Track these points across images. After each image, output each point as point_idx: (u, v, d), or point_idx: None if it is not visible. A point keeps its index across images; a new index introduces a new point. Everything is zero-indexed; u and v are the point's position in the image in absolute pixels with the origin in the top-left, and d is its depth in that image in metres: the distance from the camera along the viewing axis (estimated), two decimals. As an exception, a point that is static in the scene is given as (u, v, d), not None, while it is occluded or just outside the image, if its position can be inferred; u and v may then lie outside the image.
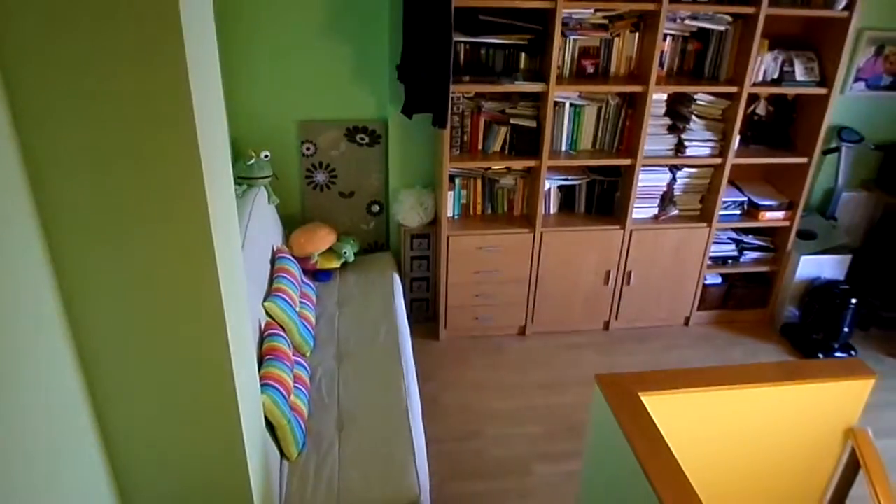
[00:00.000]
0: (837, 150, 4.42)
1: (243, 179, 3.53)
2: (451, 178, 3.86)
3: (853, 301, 4.03)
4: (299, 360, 3.00)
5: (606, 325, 4.31)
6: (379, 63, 3.81)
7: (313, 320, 3.35)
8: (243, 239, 3.02)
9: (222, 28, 3.59)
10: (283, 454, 2.62)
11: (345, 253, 3.83)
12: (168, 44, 1.36)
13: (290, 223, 3.94)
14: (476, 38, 3.57)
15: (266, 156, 3.68)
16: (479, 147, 3.81)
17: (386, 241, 4.23)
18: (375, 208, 4.13)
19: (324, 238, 3.79)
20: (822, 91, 3.87)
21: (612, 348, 4.16)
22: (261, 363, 2.70)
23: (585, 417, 3.59)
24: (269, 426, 2.53)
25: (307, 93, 3.83)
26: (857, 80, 4.41)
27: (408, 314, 3.67)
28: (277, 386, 2.58)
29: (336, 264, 3.81)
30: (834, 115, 4.25)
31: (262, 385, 2.54)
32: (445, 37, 3.28)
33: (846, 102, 4.44)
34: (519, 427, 3.53)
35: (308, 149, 3.92)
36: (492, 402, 3.69)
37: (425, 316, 4.24)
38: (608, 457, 2.23)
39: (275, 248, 3.49)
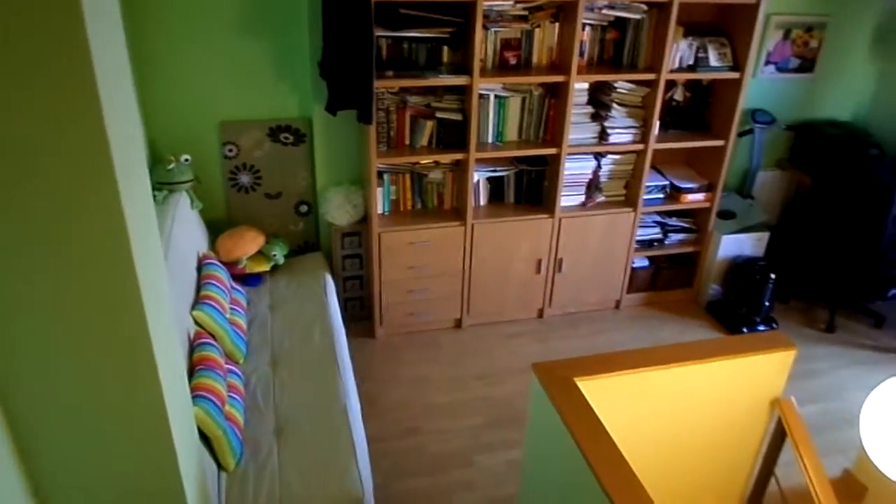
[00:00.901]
0: (751, 131, 4.59)
1: (163, 185, 3.41)
2: (380, 175, 3.83)
3: (772, 276, 4.20)
4: (232, 367, 2.93)
5: (541, 313, 4.36)
6: (300, 60, 3.74)
7: (245, 326, 3.27)
8: (166, 247, 2.92)
9: (132, 26, 3.45)
10: (220, 466, 2.54)
11: (274, 255, 3.75)
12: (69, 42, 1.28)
13: (216, 228, 3.83)
14: (397, 33, 3.54)
15: (186, 159, 3.57)
16: (407, 142, 3.79)
17: (316, 241, 4.16)
18: (304, 208, 4.06)
19: (252, 241, 3.70)
20: (735, 75, 4.01)
21: (548, 335, 4.22)
22: (191, 374, 2.62)
23: (525, 406, 3.63)
24: (204, 438, 2.46)
25: (227, 93, 3.73)
26: (767, 63, 4.59)
27: (342, 314, 3.63)
28: (210, 396, 2.51)
29: (266, 267, 3.73)
30: (747, 98, 4.40)
31: (193, 397, 2.46)
32: (366, 32, 3.25)
33: (758, 85, 4.61)
34: (459, 420, 3.55)
35: (230, 150, 3.82)
36: (431, 396, 3.68)
37: (360, 314, 4.20)
38: (548, 443, 2.26)
39: (200, 255, 3.39)
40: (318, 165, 3.97)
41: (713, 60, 3.99)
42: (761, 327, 4.31)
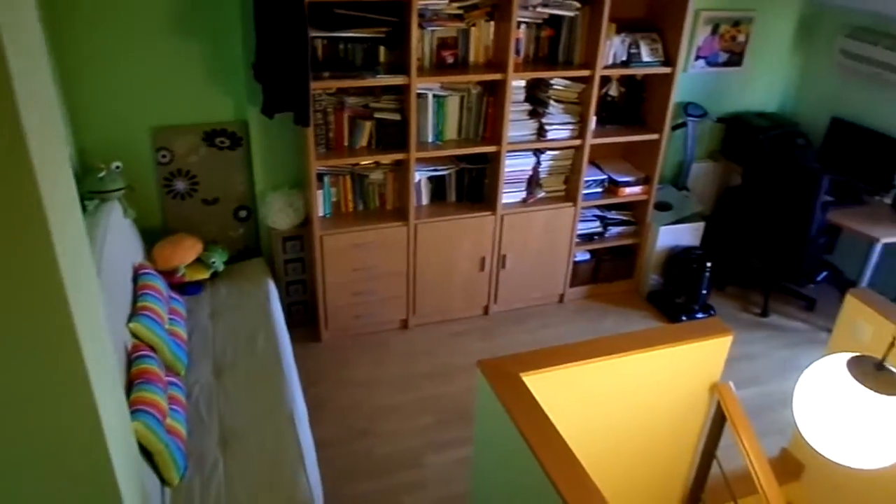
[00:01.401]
0: (685, 124, 4.71)
1: (94, 194, 3.30)
2: (320, 177, 3.78)
3: (709, 264, 4.32)
4: (173, 379, 2.85)
5: (486, 310, 4.39)
6: (234, 62, 3.66)
7: (185, 336, 3.19)
8: (99, 258, 2.82)
9: (55, 31, 3.33)
10: (163, 481, 2.48)
11: (213, 263, 3.67)
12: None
13: (151, 236, 3.72)
14: (333, 33, 3.51)
15: (118, 167, 3.46)
16: (346, 143, 3.76)
17: (257, 246, 4.09)
18: (243, 213, 3.99)
19: (189, 249, 3.61)
20: (667, 70, 4.10)
21: (494, 332, 4.24)
22: (130, 388, 2.54)
23: (473, 403, 3.64)
24: (146, 453, 2.39)
25: (158, 97, 3.63)
26: (697, 58, 4.72)
27: (286, 319, 3.57)
28: (151, 410, 2.44)
29: (205, 275, 3.65)
30: (679, 92, 4.51)
31: (133, 411, 2.39)
32: (300, 33, 3.20)
33: (689, 80, 4.74)
34: (408, 420, 3.54)
35: (164, 156, 3.72)
36: (380, 398, 3.67)
37: (305, 319, 4.15)
38: (496, 439, 2.27)
39: (136, 265, 3.29)
40: (257, 169, 3.90)
41: (645, 56, 4.08)
42: (700, 315, 4.43)
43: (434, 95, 3.78)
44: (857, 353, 1.57)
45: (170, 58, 3.56)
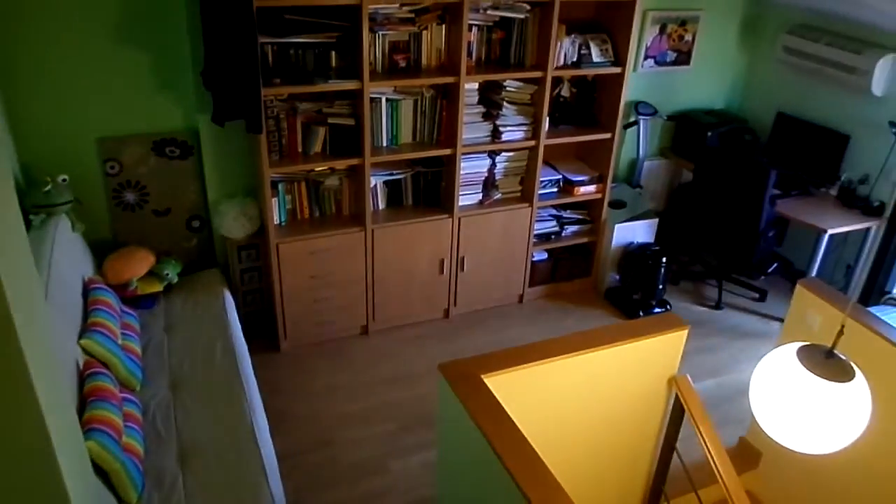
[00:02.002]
0: (636, 123, 4.79)
1: (40, 208, 3.20)
2: (274, 184, 3.74)
3: (664, 260, 4.39)
4: (128, 396, 2.78)
5: (447, 313, 4.39)
6: (182, 69, 3.60)
7: (139, 351, 3.12)
8: (46, 274, 2.74)
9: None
10: (121, 500, 2.41)
11: (167, 275, 3.60)
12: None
13: (102, 250, 3.62)
14: (283, 39, 3.47)
15: (64, 180, 3.37)
16: (300, 150, 3.72)
17: (212, 256, 4.02)
18: (196, 223, 3.91)
19: (141, 261, 3.53)
20: (617, 70, 4.16)
21: (455, 334, 4.25)
22: (83, 407, 2.47)
23: (436, 407, 3.63)
24: (102, 473, 2.32)
25: (104, 107, 3.54)
26: (646, 57, 4.80)
27: (244, 330, 3.52)
28: (105, 429, 2.38)
29: (158, 288, 3.57)
30: (630, 91, 4.58)
31: (86, 430, 2.32)
32: (249, 39, 3.16)
33: (639, 79, 4.82)
34: (372, 427, 3.51)
35: (112, 167, 3.63)
36: (342, 406, 3.63)
37: (263, 329, 4.09)
38: (459, 442, 2.27)
39: (86, 279, 3.20)
40: (209, 178, 3.84)
41: (596, 56, 4.13)
42: (657, 310, 4.50)
43: (387, 99, 3.76)
44: (808, 343, 1.61)
45: (115, 66, 3.48)
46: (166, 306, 3.58)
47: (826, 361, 1.54)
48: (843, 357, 1.54)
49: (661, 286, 4.47)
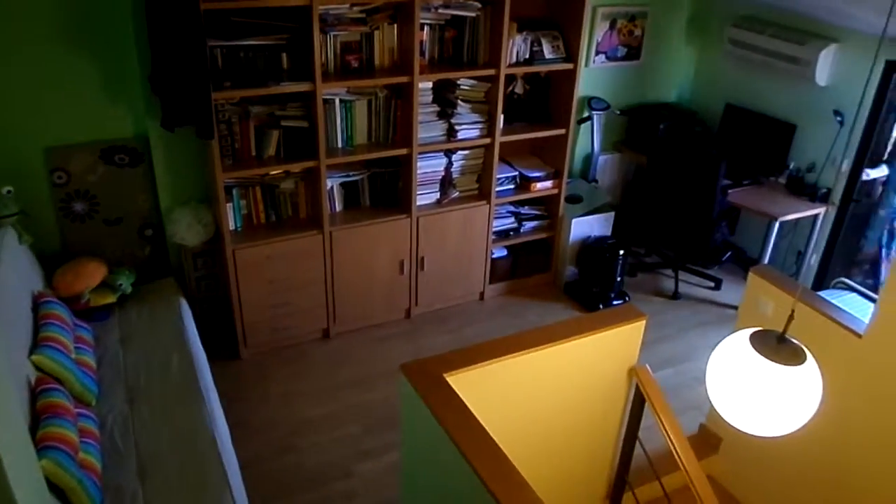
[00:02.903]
0: (589, 118, 4.85)
1: (-17, 221, 3.11)
2: (228, 190, 3.67)
3: (621, 253, 4.45)
4: (83, 411, 2.71)
5: (408, 313, 4.37)
6: (129, 75, 3.52)
7: (94, 365, 3.04)
8: (-8, 288, 2.66)
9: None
10: (78, 518, 2.35)
11: (120, 285, 3.51)
12: None
13: (51, 262, 3.52)
14: (232, 42, 3.41)
15: (9, 191, 3.27)
16: (253, 154, 3.67)
17: (166, 265, 3.94)
18: (149, 232, 3.84)
19: (93, 273, 3.45)
20: (569, 66, 4.20)
21: (416, 334, 4.24)
22: (36, 424, 2.40)
23: (399, 408, 3.62)
24: (58, 491, 2.26)
25: (49, 115, 3.44)
26: (597, 53, 4.86)
27: (202, 338, 3.45)
28: (60, 446, 2.31)
29: (112, 299, 3.49)
30: (582, 87, 4.63)
31: (40, 449, 2.26)
32: (197, 42, 3.11)
33: (591, 74, 4.87)
34: (335, 430, 3.49)
35: (60, 177, 3.54)
36: (304, 411, 3.60)
37: (222, 336, 4.01)
38: (423, 442, 2.27)
39: (35, 294, 3.11)
40: (161, 185, 3.76)
41: (547, 53, 4.16)
42: (616, 302, 4.56)
43: (341, 100, 3.74)
44: (760, 328, 1.64)
45: (60, 73, 3.39)
46: (121, 318, 3.50)
47: (778, 346, 1.57)
48: (795, 341, 1.58)
49: (619, 278, 4.52)
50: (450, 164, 4.17)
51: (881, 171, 4.42)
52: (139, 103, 3.58)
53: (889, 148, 4.35)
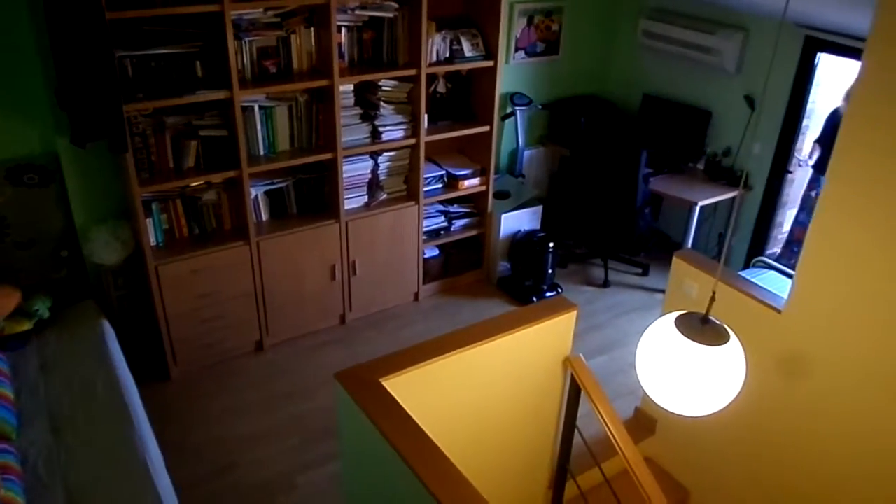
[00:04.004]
0: (513, 114, 4.89)
1: None
2: (147, 204, 3.55)
3: (551, 245, 4.51)
4: (3, 446, 2.57)
5: (343, 319, 4.32)
6: (33, 90, 3.36)
7: (11, 396, 2.89)
8: None
9: None
10: (2, 559, 2.23)
11: (37, 311, 3.35)
12: None
13: (-41, 291, 3.33)
14: (142, 51, 3.29)
15: None
16: (171, 166, 3.56)
17: (86, 286, 3.78)
18: (65, 253, 3.67)
19: (6, 300, 3.27)
20: (490, 63, 4.22)
21: (352, 340, 4.20)
22: (-51, 464, 2.26)
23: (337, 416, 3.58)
24: (-24, 533, 2.14)
25: (-54, 136, 3.26)
26: (517, 49, 4.91)
27: (128, 360, 3.32)
28: (-24, 484, 2.19)
29: (28, 326, 3.32)
30: (504, 83, 4.67)
31: (-46, 489, 2.13)
32: (104, 53, 2.98)
33: (512, 71, 4.92)
34: (275, 444, 3.42)
35: (-38, 201, 3.35)
36: (241, 427, 3.51)
37: (150, 357, 3.87)
38: (363, 448, 2.24)
39: (-58, 325, 2.94)
40: (74, 203, 3.61)
41: (467, 51, 4.18)
42: (548, 294, 4.62)
43: (260, 107, 3.66)
44: (685, 311, 1.68)
45: (-46, 91, 3.21)
46: (39, 345, 3.33)
47: (702, 328, 1.61)
48: (718, 322, 1.63)
49: (550, 271, 4.59)
50: (376, 166, 4.14)
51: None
52: (46, 119, 3.42)
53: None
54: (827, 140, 4.45)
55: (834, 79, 4.57)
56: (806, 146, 4.66)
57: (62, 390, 3.04)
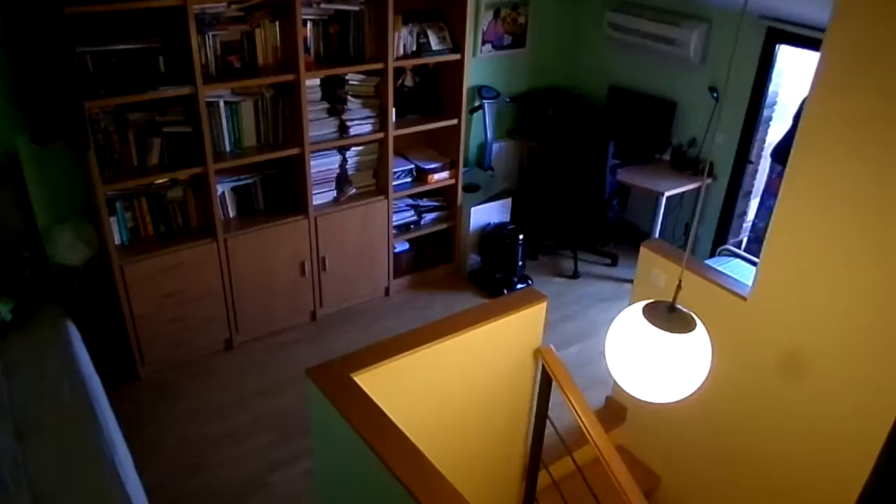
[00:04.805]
0: (481, 107, 4.90)
1: None
2: (111, 203, 3.49)
3: (521, 237, 4.53)
4: (-35, 451, 2.51)
5: (313, 315, 4.30)
6: (-12, 88, 3.28)
7: (-27, 401, 2.82)
8: None
9: None
10: (-33, 568, 2.18)
11: (-2, 314, 3.28)
12: None
13: (-84, 295, 3.25)
14: (102, 47, 3.22)
15: None
16: (135, 163, 3.50)
17: (50, 288, 3.69)
18: (27, 254, 3.58)
19: (-34, 302, 3.20)
20: (457, 57, 4.22)
21: (324, 336, 4.17)
22: None
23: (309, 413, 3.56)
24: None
25: None
26: (484, 42, 4.91)
27: (95, 362, 3.26)
28: (-62, 492, 2.13)
29: (-11, 329, 3.25)
30: (471, 76, 4.67)
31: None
32: (64, 49, 2.92)
33: (479, 64, 4.92)
34: (246, 443, 3.39)
35: (-83, 202, 3.26)
36: (212, 427, 3.48)
37: (118, 358, 3.81)
38: (334, 445, 2.24)
39: None
40: (36, 203, 3.53)
41: (434, 44, 4.17)
42: (519, 286, 4.64)
43: (225, 102, 3.62)
44: (653, 300, 1.70)
45: None
46: (1, 349, 3.25)
47: (669, 316, 1.63)
48: (685, 309, 1.65)
49: (520, 263, 4.61)
50: (344, 161, 4.12)
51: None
52: (3, 118, 3.33)
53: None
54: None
55: (802, 69, 4.64)
56: (770, 137, 4.73)
57: (27, 395, 2.97)
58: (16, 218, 3.51)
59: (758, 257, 2.74)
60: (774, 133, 4.72)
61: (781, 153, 4.88)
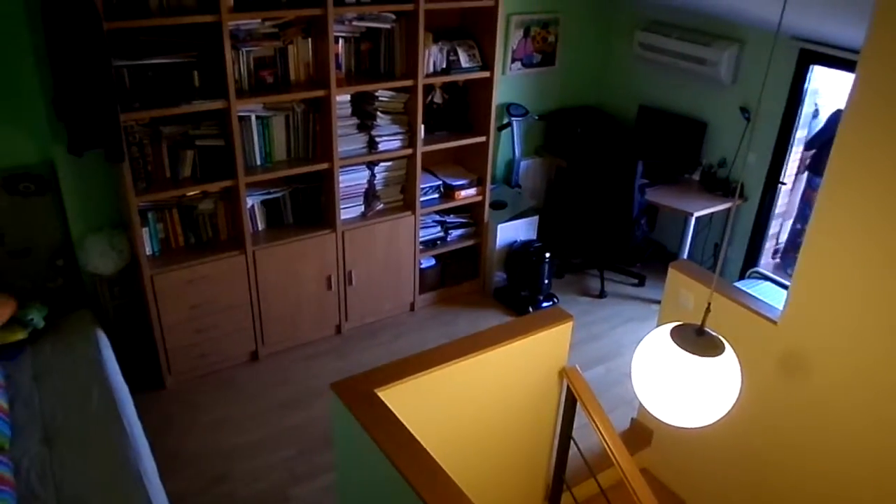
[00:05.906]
0: (509, 125, 4.91)
1: None
2: (143, 214, 3.54)
3: (547, 255, 4.51)
4: (-5, 456, 2.56)
5: (339, 329, 4.32)
6: (31, 99, 3.36)
7: (5, 406, 2.87)
8: None
9: None
10: (-6, 571, 2.21)
11: (31, 320, 3.34)
12: None
13: (-47, 300, 3.32)
14: (138, 61, 3.30)
15: None
16: (168, 175, 3.56)
17: (82, 296, 3.77)
18: (60, 262, 3.66)
19: (1, 309, 3.26)
20: (486, 74, 4.24)
21: (348, 349, 4.19)
22: (-59, 474, 2.25)
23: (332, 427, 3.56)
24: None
25: (-58, 145, 3.26)
26: (514, 60, 4.93)
27: (123, 370, 3.31)
28: (-32, 495, 2.17)
29: (23, 335, 3.31)
30: (500, 94, 4.69)
31: (-54, 500, 2.11)
32: (102, 62, 2.99)
33: (509, 82, 4.94)
34: (269, 455, 3.40)
35: (-43, 210, 3.34)
36: (236, 438, 3.49)
37: (145, 367, 3.86)
38: (357, 460, 2.23)
39: (-64, 334, 2.93)
40: (71, 213, 3.60)
41: (464, 62, 4.19)
42: (545, 304, 4.62)
43: (257, 117, 3.67)
44: (680, 322, 1.68)
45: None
46: (33, 354, 3.32)
47: (697, 339, 1.61)
48: (713, 333, 1.63)
49: (546, 281, 4.59)
50: (372, 176, 4.15)
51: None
52: (43, 128, 3.42)
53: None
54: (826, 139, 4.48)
55: (836, 86, 4.59)
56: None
57: (56, 400, 3.02)
58: (51, 227, 3.59)
59: (788, 280, 2.70)
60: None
61: (813, 143, 4.82)
